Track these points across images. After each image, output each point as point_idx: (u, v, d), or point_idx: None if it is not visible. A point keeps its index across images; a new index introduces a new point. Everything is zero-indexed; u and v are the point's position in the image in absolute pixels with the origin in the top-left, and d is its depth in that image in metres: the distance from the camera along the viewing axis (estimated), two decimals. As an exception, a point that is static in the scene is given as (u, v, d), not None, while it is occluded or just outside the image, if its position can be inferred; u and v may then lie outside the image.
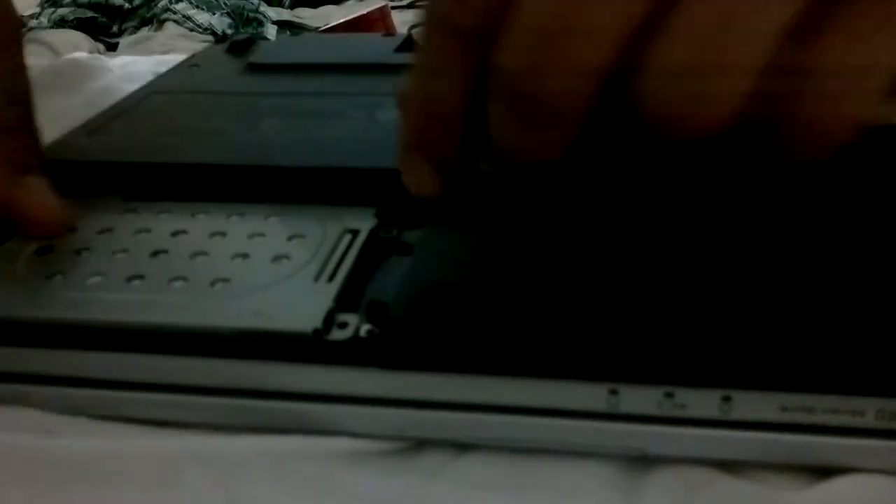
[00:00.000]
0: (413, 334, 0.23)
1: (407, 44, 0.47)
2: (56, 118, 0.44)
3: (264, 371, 0.24)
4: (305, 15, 1.45)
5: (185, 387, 0.24)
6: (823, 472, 0.23)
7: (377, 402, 0.23)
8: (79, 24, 1.19)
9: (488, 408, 0.23)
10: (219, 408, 0.24)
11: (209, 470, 0.23)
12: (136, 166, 0.33)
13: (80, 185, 0.32)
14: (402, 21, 1.27)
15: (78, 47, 1.06)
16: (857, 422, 0.22)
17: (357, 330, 0.24)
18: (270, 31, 1.28)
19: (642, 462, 0.23)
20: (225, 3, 1.30)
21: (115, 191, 0.32)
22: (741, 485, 0.23)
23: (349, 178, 0.31)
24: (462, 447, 0.24)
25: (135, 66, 0.58)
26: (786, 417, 0.22)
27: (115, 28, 1.25)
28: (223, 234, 0.28)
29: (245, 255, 0.27)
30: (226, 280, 0.26)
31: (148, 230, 0.29)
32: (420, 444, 0.24)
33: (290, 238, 0.28)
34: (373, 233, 0.28)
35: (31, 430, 0.24)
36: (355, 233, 0.28)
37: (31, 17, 1.21)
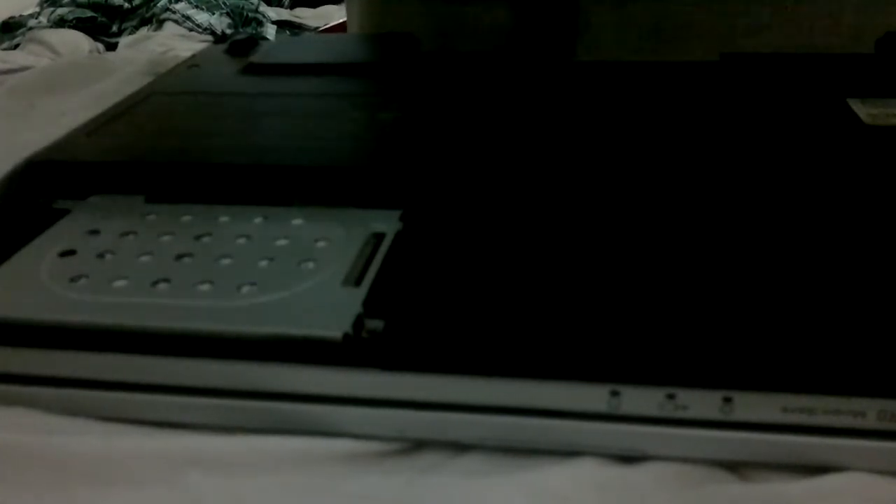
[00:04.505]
0: (416, 336, 0.23)
1: (406, 44, 0.47)
2: (56, 118, 0.44)
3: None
4: (305, 15, 1.45)
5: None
6: (822, 472, 0.23)
7: (385, 403, 0.23)
8: (78, 24, 1.19)
9: (489, 409, 0.23)
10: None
11: (209, 470, 0.23)
12: (138, 166, 0.33)
13: (80, 186, 0.32)
14: (402, 21, 1.26)
15: (78, 47, 1.06)
16: (858, 423, 0.22)
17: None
18: (270, 31, 1.28)
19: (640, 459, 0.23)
20: (224, 3, 1.30)
21: (116, 191, 0.32)
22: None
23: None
24: (460, 447, 0.24)
25: (134, 66, 0.58)
26: (787, 418, 0.22)
27: (114, 28, 1.25)
28: (248, 236, 0.28)
29: (271, 259, 0.27)
30: (252, 284, 0.26)
31: (171, 233, 0.29)
32: (419, 445, 0.24)
33: (315, 241, 0.28)
34: (398, 236, 0.28)
35: (33, 430, 0.24)
36: (381, 236, 0.28)
37: (31, 16, 1.20)
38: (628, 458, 0.23)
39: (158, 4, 1.28)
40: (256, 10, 1.32)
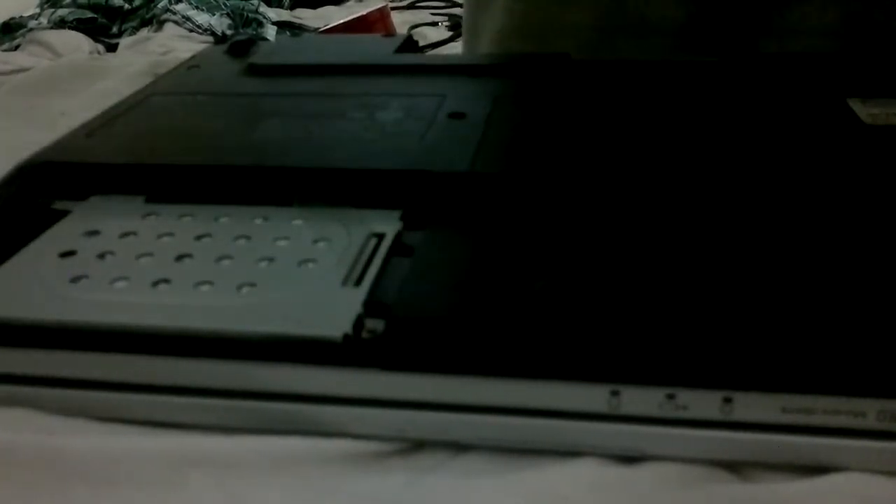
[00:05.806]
0: (416, 336, 0.23)
1: (407, 45, 0.47)
2: (56, 118, 0.44)
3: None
4: (305, 15, 1.45)
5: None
6: (822, 472, 0.23)
7: (385, 403, 0.23)
8: (78, 25, 1.19)
9: (489, 409, 0.23)
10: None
11: (209, 470, 0.23)
12: (138, 167, 0.33)
13: (80, 187, 0.32)
14: (402, 22, 1.26)
15: (78, 48, 1.06)
16: (858, 423, 0.22)
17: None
18: (270, 32, 1.28)
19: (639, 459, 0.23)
20: (225, 4, 1.30)
21: (116, 192, 0.32)
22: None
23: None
24: (460, 447, 0.24)
25: (134, 66, 0.58)
26: (787, 418, 0.22)
27: (114, 29, 1.25)
28: (248, 237, 0.28)
29: (271, 259, 0.27)
30: (252, 284, 0.26)
31: (171, 234, 0.29)
32: (419, 445, 0.24)
33: (315, 241, 0.28)
34: (398, 237, 0.28)
35: (32, 430, 0.24)
36: (381, 236, 0.28)
37: (31, 17, 1.21)
38: (628, 458, 0.23)
39: (159, 5, 1.28)
40: (257, 11, 1.32)
